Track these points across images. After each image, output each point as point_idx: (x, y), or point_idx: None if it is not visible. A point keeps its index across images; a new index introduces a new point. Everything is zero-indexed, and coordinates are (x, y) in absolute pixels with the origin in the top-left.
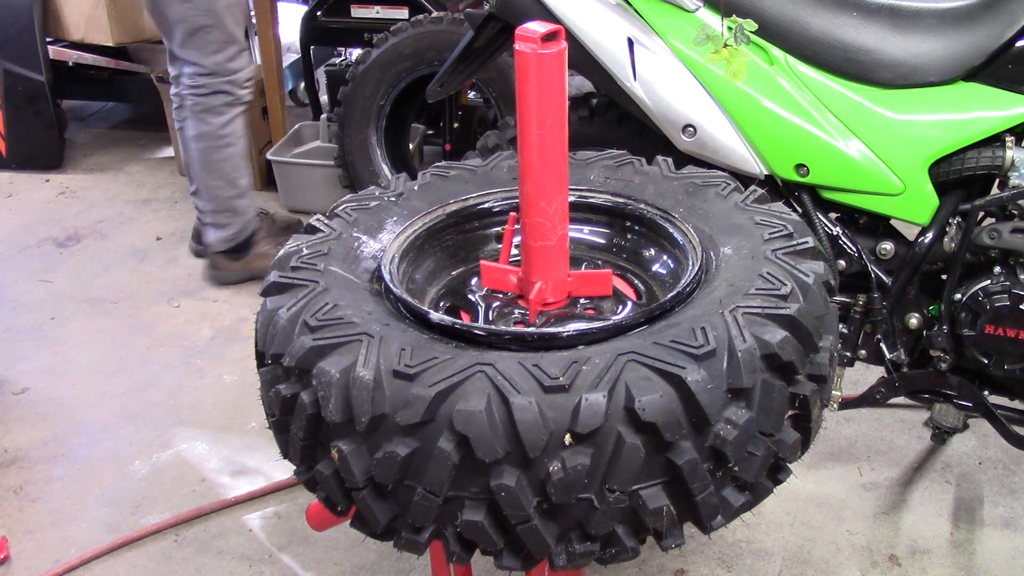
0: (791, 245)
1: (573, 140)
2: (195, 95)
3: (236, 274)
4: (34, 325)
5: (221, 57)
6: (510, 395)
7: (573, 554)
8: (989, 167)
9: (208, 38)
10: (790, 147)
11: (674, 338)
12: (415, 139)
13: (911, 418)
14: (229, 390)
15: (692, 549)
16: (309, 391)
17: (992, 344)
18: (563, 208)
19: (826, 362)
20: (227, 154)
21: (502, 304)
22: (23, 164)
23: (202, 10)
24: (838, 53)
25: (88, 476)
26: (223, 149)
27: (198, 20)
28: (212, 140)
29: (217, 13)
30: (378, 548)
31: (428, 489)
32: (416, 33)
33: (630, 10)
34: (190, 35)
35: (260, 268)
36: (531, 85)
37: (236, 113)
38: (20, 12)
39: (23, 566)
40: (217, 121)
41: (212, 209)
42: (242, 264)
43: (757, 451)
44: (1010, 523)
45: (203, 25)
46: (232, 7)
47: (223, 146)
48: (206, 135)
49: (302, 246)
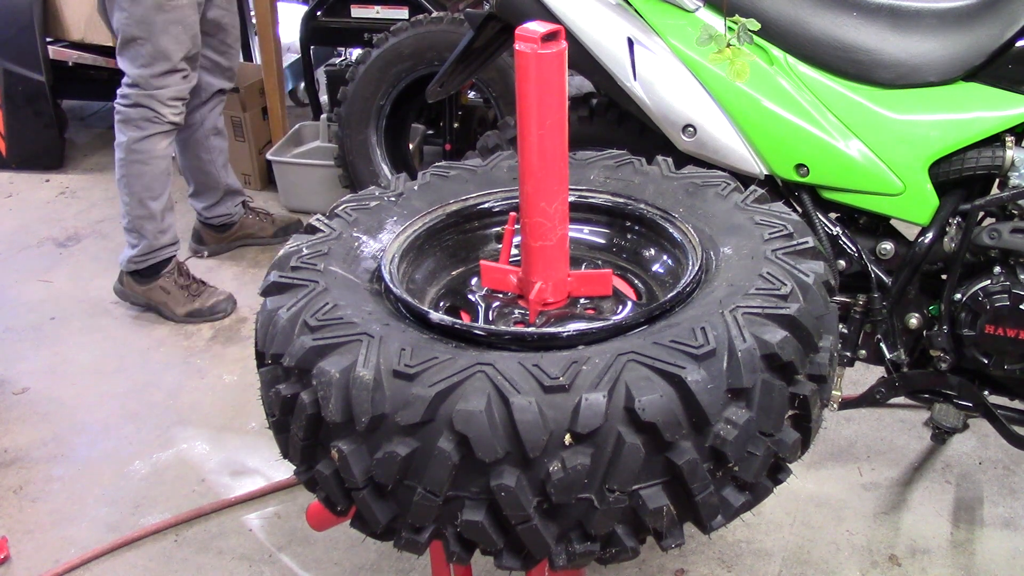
0: (791, 245)
1: (573, 140)
2: (119, 104)
3: (135, 297)
4: (34, 325)
5: (147, 72)
6: (510, 395)
7: (573, 554)
8: (989, 167)
9: (139, 51)
10: (790, 147)
11: (674, 338)
12: (415, 139)
13: (911, 418)
14: (229, 390)
15: (692, 549)
16: (309, 391)
17: (992, 344)
18: (563, 208)
19: (826, 362)
20: (139, 171)
21: (502, 304)
22: (23, 164)
23: (135, 21)
24: (838, 53)
25: (88, 476)
26: (135, 164)
27: (131, 31)
28: (126, 152)
29: (151, 27)
30: (378, 548)
31: (428, 489)
32: (416, 33)
33: (630, 10)
34: (124, 45)
35: (158, 302)
36: (531, 85)
37: (155, 131)
38: (20, 12)
39: (23, 566)
40: (134, 135)
41: (124, 225)
42: (142, 291)
43: (757, 451)
44: (1010, 523)
45: (135, 36)
46: (171, 25)
47: (135, 161)
48: (122, 146)
49: (302, 246)
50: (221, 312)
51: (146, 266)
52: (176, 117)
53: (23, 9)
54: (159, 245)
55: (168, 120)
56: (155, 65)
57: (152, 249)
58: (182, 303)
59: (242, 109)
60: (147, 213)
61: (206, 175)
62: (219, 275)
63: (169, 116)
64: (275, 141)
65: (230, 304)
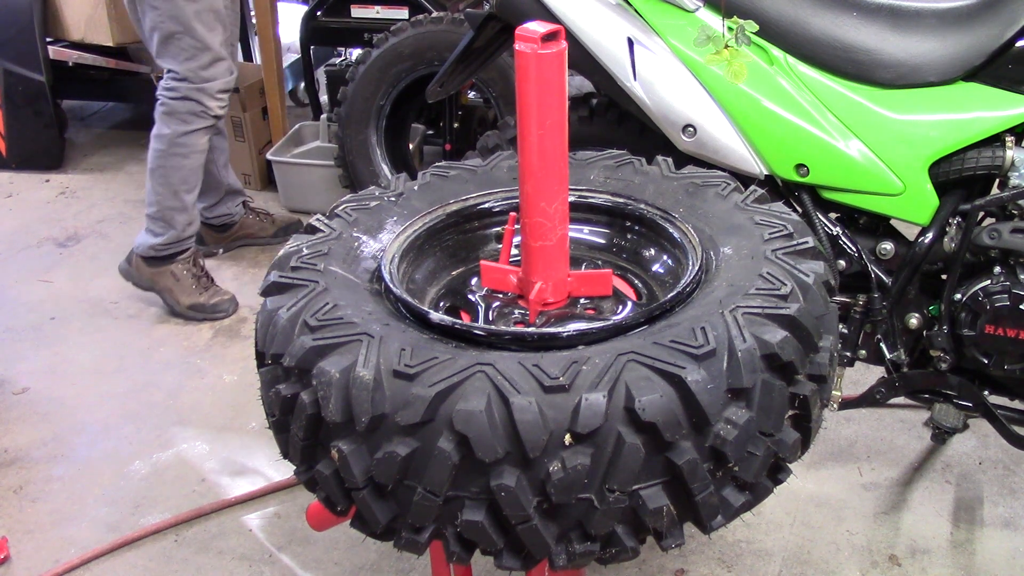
0: (791, 245)
1: (573, 140)
2: (165, 96)
3: (142, 280)
4: (34, 325)
5: (194, 64)
6: (510, 395)
7: (573, 554)
8: (989, 167)
9: (180, 44)
10: (790, 147)
11: (674, 338)
12: (415, 139)
13: (911, 418)
14: (229, 390)
15: (692, 549)
16: (309, 391)
17: (992, 344)
18: (563, 208)
19: (826, 362)
20: (178, 164)
21: (502, 304)
22: (23, 164)
23: (168, 16)
24: (838, 53)
25: (88, 476)
26: (176, 157)
27: (167, 27)
28: (168, 144)
29: (185, 20)
30: (378, 548)
31: (428, 489)
32: (416, 33)
33: (630, 10)
34: (164, 42)
35: (164, 287)
36: (531, 85)
37: (200, 126)
38: (20, 12)
39: (23, 566)
40: (178, 128)
41: (150, 213)
42: (151, 273)
43: (757, 451)
44: (1010, 523)
45: (172, 32)
46: (201, 13)
47: (177, 154)
48: (163, 137)
49: (302, 246)
50: (223, 312)
51: (168, 254)
52: (221, 111)
53: (23, 9)
54: (187, 235)
55: (213, 114)
56: (200, 56)
57: (179, 239)
58: (188, 293)
59: (242, 109)
60: (180, 205)
61: (207, 175)
62: (219, 275)
63: (215, 109)
64: (275, 141)
65: (232, 305)
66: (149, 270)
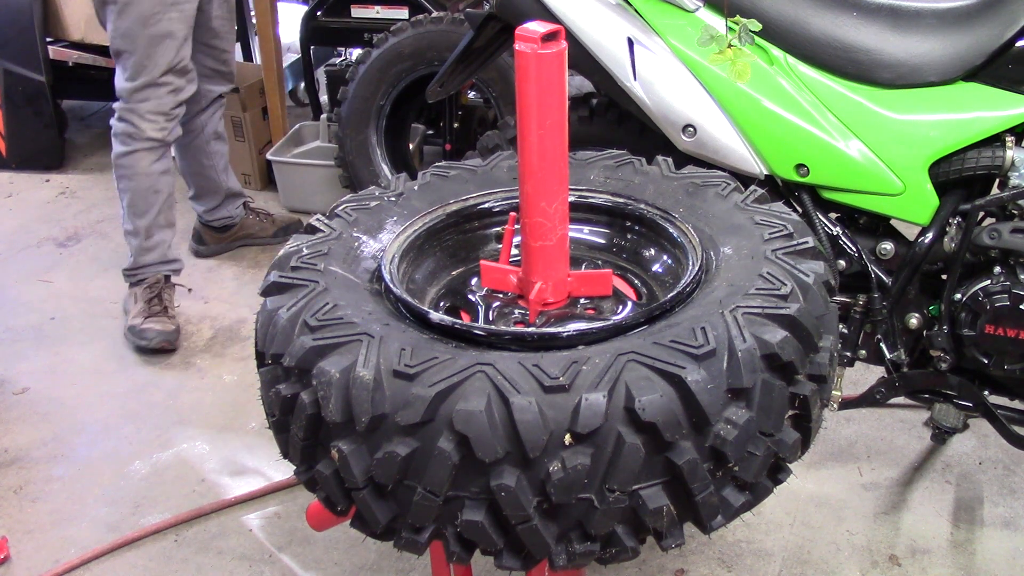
0: (791, 245)
1: (573, 140)
2: (113, 116)
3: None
4: (34, 325)
5: (129, 85)
6: (510, 395)
7: (573, 554)
8: (989, 167)
9: (125, 63)
10: (790, 147)
11: (674, 338)
12: (415, 139)
13: (911, 418)
14: (229, 390)
15: (692, 549)
16: (309, 391)
17: (992, 344)
18: (563, 208)
19: (826, 362)
20: (124, 186)
21: (502, 304)
22: (23, 164)
23: (120, 35)
24: (838, 53)
25: (88, 476)
26: (122, 180)
27: (116, 44)
28: (114, 166)
29: (135, 40)
30: (378, 548)
31: (428, 489)
32: (416, 33)
33: (630, 10)
34: (114, 58)
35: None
36: (531, 85)
37: (137, 147)
38: (20, 12)
39: (23, 566)
40: (118, 149)
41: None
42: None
43: (757, 451)
44: (1010, 523)
45: (121, 50)
46: (157, 39)
47: (122, 176)
48: (112, 159)
49: (302, 246)
50: (146, 340)
51: (135, 280)
52: (157, 133)
53: (23, 9)
54: (143, 263)
55: (148, 136)
56: (137, 78)
57: (137, 266)
58: (132, 316)
59: (242, 109)
60: (132, 228)
61: (207, 179)
62: (219, 275)
63: (148, 131)
64: (275, 141)
65: (162, 337)
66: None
